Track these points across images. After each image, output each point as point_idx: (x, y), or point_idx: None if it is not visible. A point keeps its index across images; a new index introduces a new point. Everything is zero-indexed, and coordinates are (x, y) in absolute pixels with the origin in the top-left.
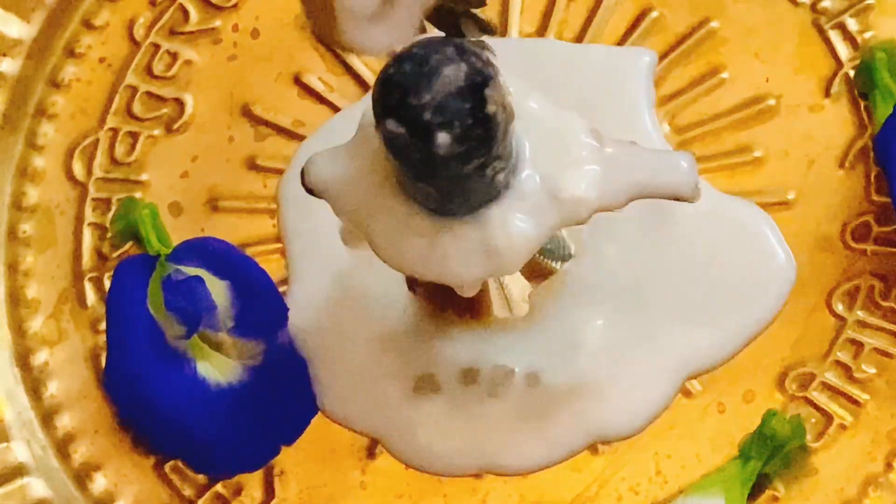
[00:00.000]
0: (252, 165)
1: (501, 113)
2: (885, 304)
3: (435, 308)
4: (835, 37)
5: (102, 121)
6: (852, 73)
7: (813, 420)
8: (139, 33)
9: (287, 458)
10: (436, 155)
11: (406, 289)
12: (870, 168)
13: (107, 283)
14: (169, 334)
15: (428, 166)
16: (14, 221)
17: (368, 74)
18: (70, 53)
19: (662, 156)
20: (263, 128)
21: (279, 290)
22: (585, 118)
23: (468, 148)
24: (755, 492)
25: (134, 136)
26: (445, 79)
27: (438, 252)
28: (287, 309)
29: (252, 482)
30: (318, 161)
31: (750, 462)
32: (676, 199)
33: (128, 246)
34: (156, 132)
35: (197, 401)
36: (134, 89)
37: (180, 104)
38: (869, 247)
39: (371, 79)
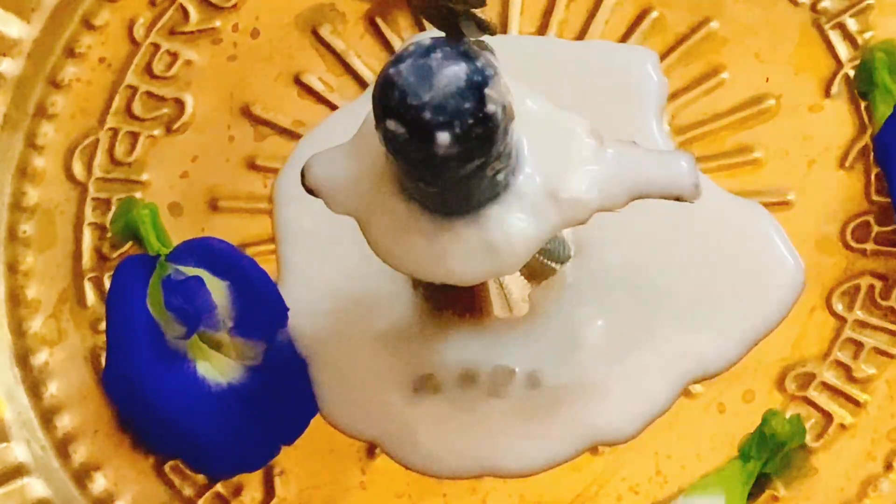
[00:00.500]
0: (252, 165)
1: (501, 113)
2: (885, 304)
3: (435, 308)
4: (835, 37)
5: (102, 121)
6: (852, 73)
7: (813, 420)
8: (139, 33)
9: (287, 458)
10: (436, 155)
11: (406, 289)
12: (870, 168)
13: (107, 283)
14: (169, 334)
15: (428, 166)
16: (14, 221)
17: (368, 74)
18: (70, 53)
19: (663, 156)
20: (263, 128)
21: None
22: (587, 117)
23: (468, 148)
24: (755, 492)
25: (134, 136)
26: (445, 79)
27: (438, 252)
28: (287, 309)
29: (252, 482)
30: (319, 161)
31: (750, 462)
32: (677, 200)
33: (128, 246)
34: (156, 132)
35: (197, 401)
36: (134, 89)
37: (180, 104)
38: (869, 247)
39: (371, 78)
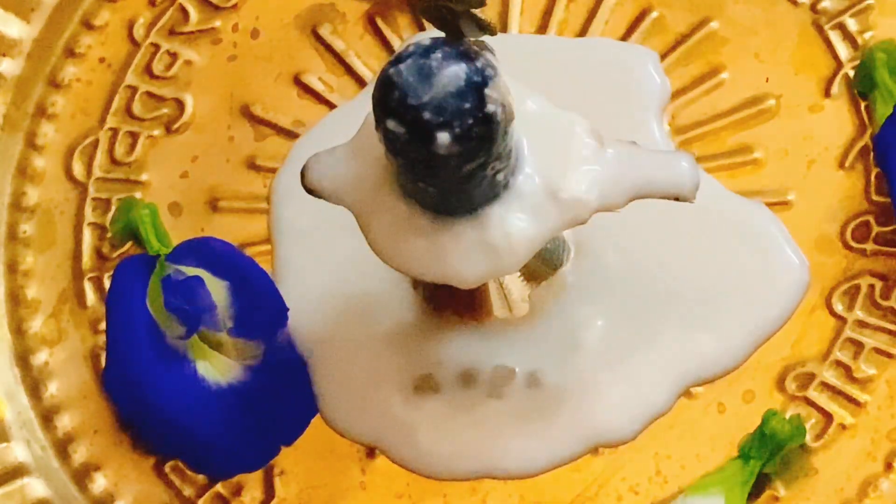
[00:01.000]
0: (252, 165)
1: (501, 113)
2: (885, 304)
3: (435, 308)
4: (835, 37)
5: (102, 121)
6: (852, 73)
7: (813, 420)
8: (139, 33)
9: (287, 458)
10: (436, 155)
11: (406, 289)
12: (870, 168)
13: (107, 283)
14: (169, 334)
15: (428, 166)
16: (14, 221)
17: (368, 74)
18: (70, 53)
19: (663, 156)
20: (263, 128)
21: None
22: (587, 116)
23: (468, 148)
24: (755, 492)
25: (134, 136)
26: (445, 79)
27: (438, 251)
28: (287, 309)
29: (252, 482)
30: (319, 161)
31: (750, 462)
32: (677, 200)
33: (128, 246)
34: (156, 132)
35: (197, 401)
36: (134, 89)
37: (180, 104)
38: (869, 247)
39: (371, 78)
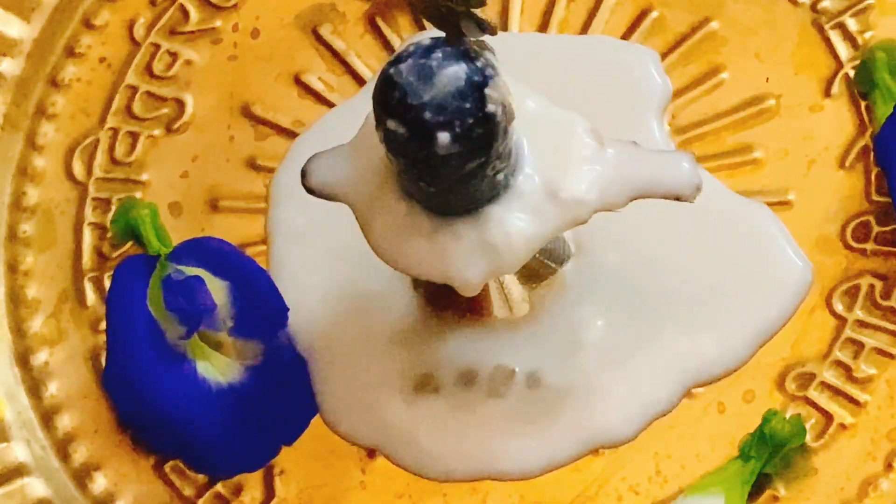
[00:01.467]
0: (252, 165)
1: (501, 113)
2: (885, 304)
3: (435, 308)
4: (835, 37)
5: (102, 121)
6: (852, 73)
7: (813, 420)
8: (139, 33)
9: (287, 458)
10: (436, 155)
11: (406, 289)
12: (870, 168)
13: (107, 283)
14: (169, 334)
15: (428, 166)
16: (14, 221)
17: (368, 74)
18: (70, 53)
19: (663, 156)
20: (263, 127)
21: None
22: (588, 116)
23: (468, 148)
24: (755, 492)
25: (134, 136)
26: (446, 78)
27: (438, 251)
28: (287, 309)
29: (252, 482)
30: (319, 161)
31: (750, 462)
32: (677, 200)
33: (128, 246)
34: (156, 132)
35: (197, 401)
36: (134, 89)
37: (180, 104)
38: (869, 247)
39: (370, 78)
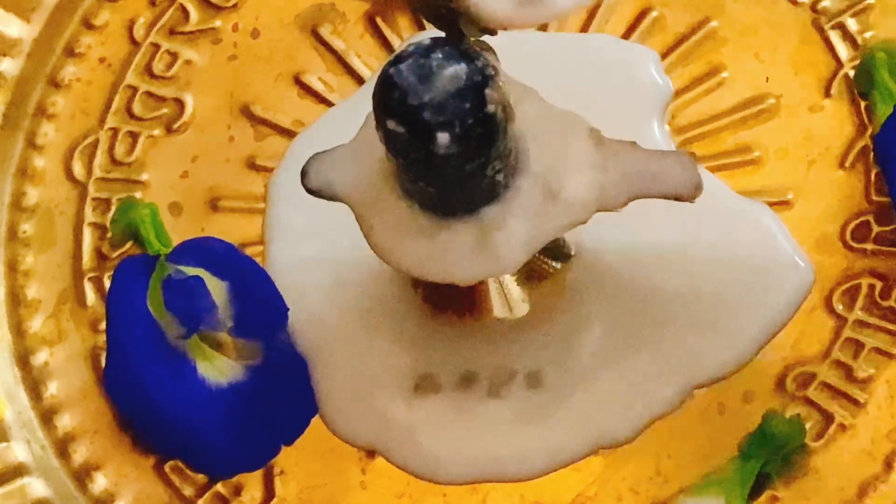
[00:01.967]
0: (252, 165)
1: (501, 113)
2: (885, 304)
3: (435, 308)
4: (835, 37)
5: (102, 121)
6: (852, 73)
7: (813, 420)
8: (139, 33)
9: (287, 458)
10: (436, 155)
11: (406, 289)
12: (870, 168)
13: (107, 283)
14: (169, 334)
15: (428, 166)
16: (14, 221)
17: (368, 74)
18: (70, 53)
19: (662, 156)
20: (263, 128)
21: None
22: (588, 116)
23: (468, 148)
24: (755, 492)
25: (134, 136)
26: (445, 79)
27: (438, 251)
28: (287, 309)
29: (252, 482)
30: (319, 161)
31: (750, 462)
32: (676, 200)
33: (128, 246)
34: (156, 132)
35: (197, 401)
36: (134, 89)
37: (180, 104)
38: (869, 247)
39: (370, 78)
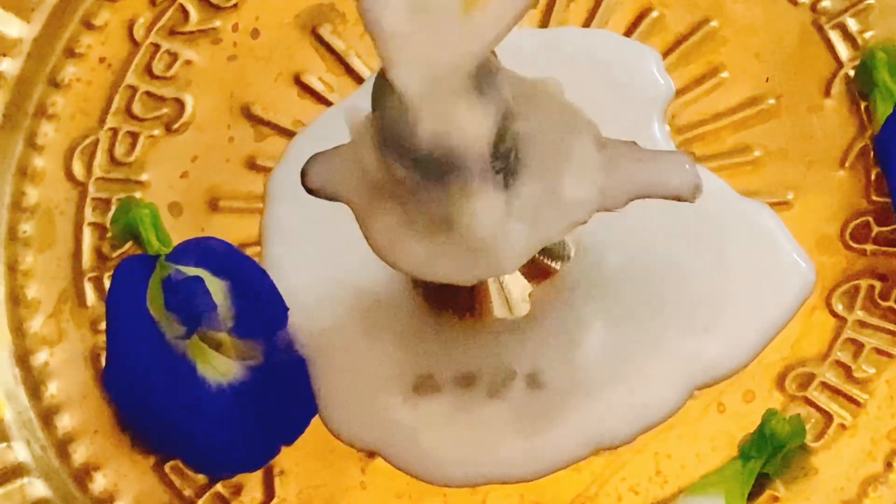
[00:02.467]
0: (252, 165)
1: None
2: (885, 304)
3: (435, 308)
4: (835, 37)
5: (102, 121)
6: (852, 73)
7: (813, 420)
8: (139, 33)
9: (287, 458)
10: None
11: (406, 289)
12: (870, 168)
13: (107, 283)
14: (169, 334)
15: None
16: (14, 221)
17: (368, 74)
18: (70, 53)
19: (663, 156)
20: (263, 128)
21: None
22: (588, 114)
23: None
24: (755, 492)
25: (134, 136)
26: None
27: (437, 251)
28: (287, 309)
29: (252, 482)
30: (319, 161)
31: (750, 462)
32: (677, 200)
33: (128, 246)
34: (156, 132)
35: (197, 401)
36: (134, 89)
37: (180, 104)
38: (869, 247)
39: (369, 77)
